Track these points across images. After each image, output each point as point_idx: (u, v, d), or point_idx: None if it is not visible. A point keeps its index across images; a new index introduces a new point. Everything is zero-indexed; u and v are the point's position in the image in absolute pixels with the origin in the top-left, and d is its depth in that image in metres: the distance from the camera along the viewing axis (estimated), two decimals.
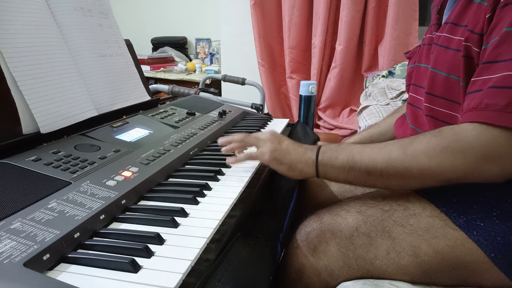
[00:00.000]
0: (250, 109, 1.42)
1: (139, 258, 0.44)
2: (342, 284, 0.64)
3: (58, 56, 0.73)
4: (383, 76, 1.73)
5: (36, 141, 0.65)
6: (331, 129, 2.15)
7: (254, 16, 2.14)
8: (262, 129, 1.06)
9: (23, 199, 0.49)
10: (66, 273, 0.41)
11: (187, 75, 2.66)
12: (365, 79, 1.95)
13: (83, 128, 0.75)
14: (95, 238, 0.48)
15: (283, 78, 2.28)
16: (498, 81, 0.51)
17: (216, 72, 2.66)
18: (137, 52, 1.03)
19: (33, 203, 0.48)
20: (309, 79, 2.20)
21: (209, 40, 3.05)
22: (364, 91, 1.79)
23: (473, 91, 0.55)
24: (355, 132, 1.95)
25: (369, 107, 1.51)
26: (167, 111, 0.99)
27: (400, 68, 1.71)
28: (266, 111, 1.86)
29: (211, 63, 2.97)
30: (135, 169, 0.63)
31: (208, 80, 2.33)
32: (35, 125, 0.64)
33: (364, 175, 0.62)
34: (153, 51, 3.10)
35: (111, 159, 0.65)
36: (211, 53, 2.98)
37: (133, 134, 0.79)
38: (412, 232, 0.60)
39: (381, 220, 0.63)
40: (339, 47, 2.02)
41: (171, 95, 1.40)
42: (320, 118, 2.22)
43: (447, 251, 0.58)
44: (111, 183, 0.57)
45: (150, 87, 1.25)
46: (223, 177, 0.71)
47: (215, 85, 2.48)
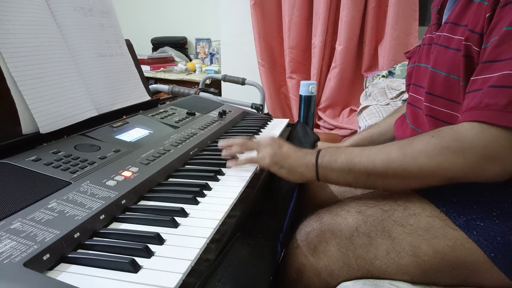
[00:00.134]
0: (250, 109, 1.42)
1: (139, 258, 0.44)
2: (342, 284, 0.64)
3: (58, 56, 0.73)
4: (383, 76, 1.73)
5: (36, 141, 0.65)
6: (331, 129, 2.15)
7: (254, 16, 2.14)
8: (262, 129, 1.06)
9: (23, 199, 0.49)
10: (66, 273, 0.41)
11: (187, 75, 2.66)
12: (365, 79, 1.95)
13: (83, 128, 0.75)
14: (95, 238, 0.48)
15: (283, 78, 2.28)
16: (498, 80, 0.51)
17: (216, 72, 2.66)
18: (137, 52, 1.03)
19: (33, 203, 0.48)
20: (309, 79, 2.20)
21: (209, 40, 3.05)
22: (364, 91, 1.79)
23: (473, 90, 0.55)
24: (355, 132, 1.95)
25: (369, 107, 1.51)
26: (167, 111, 0.99)
27: (400, 68, 1.71)
28: (266, 111, 1.86)
29: (211, 63, 2.97)
30: (135, 169, 0.63)
31: (208, 80, 2.33)
32: (35, 125, 0.64)
33: (364, 176, 0.62)
34: (153, 51, 3.10)
35: (111, 159, 0.65)
36: (211, 53, 2.98)
37: (133, 134, 0.79)
38: (412, 232, 0.60)
39: (381, 220, 0.63)
40: (339, 47, 2.02)
41: (171, 95, 1.40)
42: (320, 118, 2.22)
43: (447, 251, 0.58)
44: (111, 183, 0.57)
45: (150, 87, 1.25)
46: (223, 177, 0.71)
47: (215, 85, 2.48)
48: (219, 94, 2.35)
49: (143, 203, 0.59)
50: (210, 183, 0.67)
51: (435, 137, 0.56)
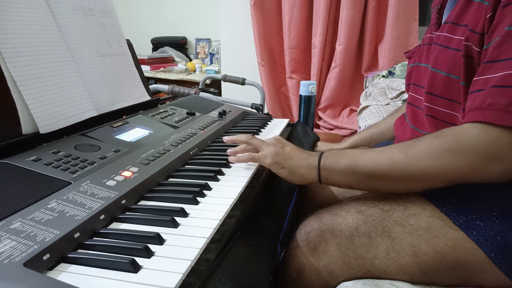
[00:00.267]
0: (250, 109, 1.42)
1: (139, 258, 0.44)
2: (342, 284, 0.64)
3: (58, 56, 0.73)
4: (383, 76, 1.73)
5: (36, 141, 0.65)
6: (331, 129, 2.15)
7: (254, 16, 2.14)
8: (262, 129, 1.06)
9: (23, 199, 0.49)
10: (66, 273, 0.41)
11: (187, 75, 2.66)
12: (365, 79, 1.95)
13: (83, 128, 0.75)
14: (95, 238, 0.48)
15: (283, 78, 2.28)
16: (500, 80, 0.51)
17: (216, 72, 2.66)
18: (137, 52, 1.03)
19: (33, 203, 0.48)
20: (309, 79, 2.20)
21: (209, 40, 3.05)
22: (364, 91, 1.79)
23: (475, 90, 0.55)
24: (355, 132, 1.95)
25: (369, 107, 1.51)
26: (167, 111, 0.99)
27: (400, 68, 1.71)
28: (266, 111, 1.86)
29: (211, 63, 2.97)
30: (135, 169, 0.63)
31: (208, 80, 2.33)
32: (35, 125, 0.64)
33: (366, 178, 0.62)
34: (153, 51, 3.10)
35: (111, 159, 0.65)
36: (211, 53, 2.98)
37: (133, 134, 0.79)
38: (412, 232, 0.61)
39: (381, 220, 0.63)
40: (339, 47, 2.02)
41: (171, 95, 1.40)
42: (320, 118, 2.22)
43: (447, 251, 0.58)
44: (111, 183, 0.57)
45: (150, 87, 1.25)
46: (223, 177, 0.71)
47: (215, 85, 2.48)
48: (219, 94, 2.35)
49: (143, 203, 0.59)
50: (210, 183, 0.67)
51: (437, 138, 0.56)
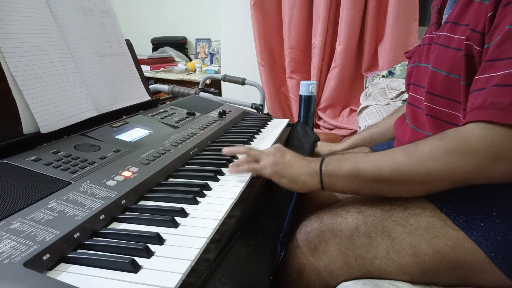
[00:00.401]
0: (250, 109, 1.42)
1: (139, 258, 0.44)
2: (342, 284, 0.64)
3: (58, 56, 0.73)
4: (383, 76, 1.73)
5: (36, 141, 0.65)
6: (331, 129, 2.15)
7: (254, 16, 2.14)
8: (262, 129, 1.06)
9: (23, 199, 0.49)
10: (66, 273, 0.41)
11: (187, 75, 2.66)
12: (365, 79, 1.95)
13: (83, 128, 0.75)
14: (95, 238, 0.48)
15: (283, 78, 2.28)
16: (502, 79, 0.51)
17: (216, 72, 2.66)
18: (137, 52, 1.03)
19: (33, 203, 0.48)
20: (309, 79, 2.20)
21: (209, 40, 3.05)
22: (364, 91, 1.79)
23: (476, 89, 0.55)
24: (355, 132, 1.95)
25: (369, 107, 1.51)
26: (167, 111, 0.99)
27: (400, 68, 1.71)
28: (266, 111, 1.86)
29: (211, 63, 2.97)
30: (135, 169, 0.63)
31: (208, 80, 2.33)
32: (36, 125, 0.64)
33: (370, 183, 0.61)
34: (153, 51, 3.10)
35: (111, 159, 0.65)
36: (211, 53, 2.98)
37: (133, 134, 0.79)
38: (412, 232, 0.60)
39: (381, 220, 0.63)
40: (339, 47, 2.02)
41: (171, 95, 1.40)
42: (320, 118, 2.22)
43: (447, 251, 0.58)
44: (111, 183, 0.57)
45: (150, 87, 1.25)
46: (223, 177, 0.71)
47: (215, 85, 2.48)
48: (219, 94, 2.35)
49: (143, 203, 0.59)
50: (210, 183, 0.67)
51: (440, 140, 0.56)
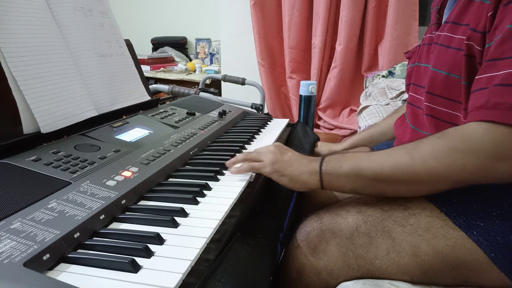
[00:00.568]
0: (250, 109, 1.42)
1: (139, 258, 0.44)
2: (342, 284, 0.64)
3: (58, 56, 0.73)
4: (383, 76, 1.73)
5: (36, 141, 0.65)
6: (331, 129, 2.15)
7: (254, 16, 2.14)
8: (262, 129, 1.06)
9: (23, 199, 0.49)
10: (66, 273, 0.41)
11: (187, 75, 2.66)
12: (365, 79, 1.95)
13: (83, 128, 0.75)
14: (95, 238, 0.48)
15: (283, 78, 2.28)
16: (504, 78, 0.51)
17: (216, 72, 2.67)
18: (137, 52, 1.03)
19: (33, 203, 0.48)
20: (309, 79, 2.20)
21: (209, 40, 3.05)
22: (364, 91, 1.79)
23: (478, 89, 0.55)
24: (355, 132, 1.95)
25: (369, 107, 1.51)
26: (167, 111, 0.99)
27: (400, 68, 1.71)
28: (266, 111, 1.86)
29: (211, 63, 2.97)
30: (135, 169, 0.63)
31: (208, 80, 2.33)
32: (36, 125, 0.64)
33: (371, 182, 0.61)
34: (153, 51, 3.11)
35: (111, 159, 0.65)
36: (211, 53, 2.99)
37: (133, 134, 0.79)
38: (412, 232, 0.60)
39: (381, 220, 0.63)
40: (339, 47, 2.02)
41: (171, 95, 1.40)
42: (320, 118, 2.22)
43: (447, 251, 0.58)
44: (111, 183, 0.57)
45: (150, 87, 1.25)
46: (223, 177, 0.71)
47: (215, 85, 2.48)
48: (219, 94, 2.35)
49: (143, 203, 0.59)
50: (210, 183, 0.67)
51: (441, 139, 0.56)
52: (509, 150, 0.51)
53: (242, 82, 1.58)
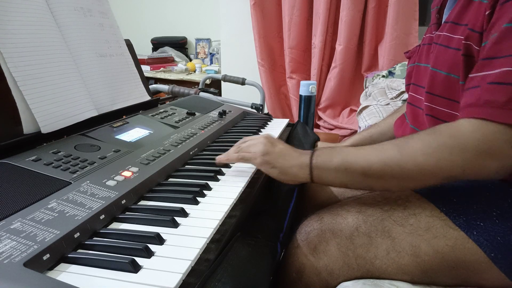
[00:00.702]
0: (250, 109, 1.42)
1: (139, 258, 0.44)
2: (342, 284, 0.64)
3: (58, 56, 0.73)
4: (383, 76, 1.73)
5: (36, 141, 0.65)
6: (331, 129, 2.15)
7: (254, 16, 2.14)
8: (262, 129, 1.06)
9: (23, 199, 0.49)
10: (66, 273, 0.41)
11: (187, 75, 2.66)
12: (365, 79, 1.95)
13: (83, 128, 0.75)
14: (95, 238, 0.48)
15: (283, 78, 2.28)
16: (498, 77, 0.51)
17: (216, 72, 2.67)
18: (137, 52, 1.03)
19: (33, 203, 0.48)
20: (309, 79, 2.20)
21: (209, 40, 3.05)
22: (364, 91, 1.79)
23: (471, 87, 0.55)
24: (355, 132, 1.95)
25: (369, 107, 1.51)
26: (167, 111, 0.99)
27: (400, 68, 1.71)
28: (266, 111, 1.86)
29: (211, 63, 2.97)
30: (135, 169, 0.63)
31: (208, 80, 2.33)
32: (36, 125, 0.64)
33: (360, 177, 0.61)
34: (153, 51, 3.11)
35: (111, 159, 0.65)
36: (211, 53, 2.99)
37: (133, 134, 0.79)
38: (412, 232, 0.60)
39: (381, 219, 0.63)
40: (339, 47, 2.02)
41: (171, 95, 1.40)
42: (320, 118, 2.22)
43: (447, 251, 0.58)
44: (111, 183, 0.57)
45: (150, 87, 1.25)
46: (223, 177, 0.71)
47: (215, 85, 2.48)
48: (219, 94, 2.35)
49: (143, 203, 0.59)
50: (210, 183, 0.67)
51: (431, 135, 0.56)
52: (498, 147, 0.51)
53: (242, 82, 1.58)
